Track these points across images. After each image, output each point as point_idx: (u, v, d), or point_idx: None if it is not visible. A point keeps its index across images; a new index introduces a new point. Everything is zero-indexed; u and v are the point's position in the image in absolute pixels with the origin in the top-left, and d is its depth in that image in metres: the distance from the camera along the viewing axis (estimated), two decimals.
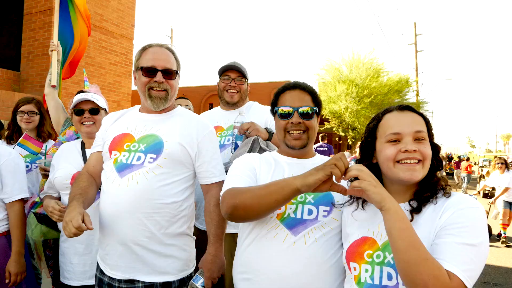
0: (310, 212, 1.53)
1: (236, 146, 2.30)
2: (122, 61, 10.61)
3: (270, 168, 1.65)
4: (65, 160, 2.25)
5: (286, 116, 1.65)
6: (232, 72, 2.58)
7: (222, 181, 1.87)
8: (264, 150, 2.17)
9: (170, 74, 1.86)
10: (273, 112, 1.74)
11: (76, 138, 2.98)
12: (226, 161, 2.20)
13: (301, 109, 1.64)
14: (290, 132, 1.65)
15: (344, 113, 21.21)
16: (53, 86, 3.11)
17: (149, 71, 1.83)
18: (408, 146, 1.29)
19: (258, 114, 2.55)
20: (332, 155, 1.82)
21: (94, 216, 2.12)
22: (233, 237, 2.11)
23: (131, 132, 1.86)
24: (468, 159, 20.19)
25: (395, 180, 1.33)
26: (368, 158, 1.42)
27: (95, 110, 2.31)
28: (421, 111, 1.43)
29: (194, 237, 2.00)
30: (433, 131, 1.38)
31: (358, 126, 21.15)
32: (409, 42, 27.95)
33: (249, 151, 2.10)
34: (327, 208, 1.55)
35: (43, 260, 2.64)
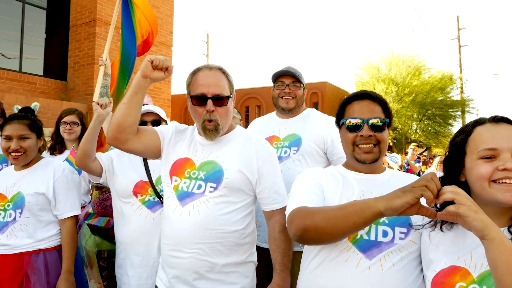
0: (385, 233, 1.40)
1: None
2: None
3: (338, 184, 1.53)
4: (130, 167, 2.23)
5: (354, 128, 1.52)
6: (286, 77, 2.46)
7: (285, 207, 1.80)
8: None
9: (221, 100, 1.75)
10: (339, 124, 1.61)
11: None
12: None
13: (371, 121, 1.50)
14: (360, 145, 1.52)
15: None
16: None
17: (199, 99, 1.75)
18: (507, 164, 1.13)
19: (318, 123, 2.41)
20: None
21: (153, 228, 2.12)
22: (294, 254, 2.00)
23: (191, 158, 1.81)
24: None
25: (490, 202, 1.17)
26: (454, 176, 1.27)
27: (157, 122, 2.31)
28: (467, 109, 1.25)
29: (257, 262, 1.91)
30: None
31: (399, 126, 20.46)
32: (452, 37, 26.66)
33: None
34: (404, 230, 1.40)
35: (95, 269, 2.66)
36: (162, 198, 2.12)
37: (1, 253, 2.09)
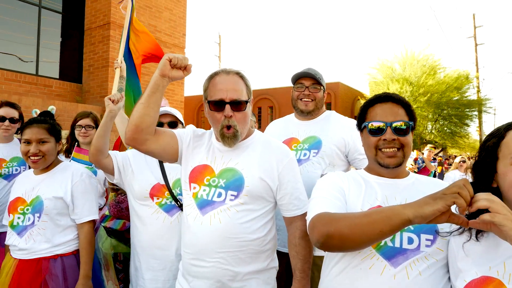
0: (410, 240, 1.34)
1: None
2: None
3: (360, 189, 1.48)
4: (147, 169, 2.20)
5: (377, 132, 1.47)
6: (306, 79, 2.41)
7: (306, 213, 1.77)
8: None
9: (239, 105, 1.71)
10: (360, 127, 1.56)
11: None
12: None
13: (394, 124, 1.45)
14: (383, 149, 1.47)
15: None
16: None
17: (217, 104, 1.71)
18: None
19: (338, 126, 2.36)
20: None
21: (171, 232, 2.09)
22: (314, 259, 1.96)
23: (210, 164, 1.78)
24: None
25: None
26: (486, 181, 1.21)
27: (174, 123, 2.29)
28: (484, 109, 1.19)
29: (278, 267, 1.88)
30: None
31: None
32: (468, 35, 26.17)
33: None
34: (430, 237, 1.35)
35: (112, 271, 2.66)
36: (179, 202, 2.11)
37: (20, 257, 2.09)
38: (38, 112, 2.90)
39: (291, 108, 2.54)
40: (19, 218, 2.12)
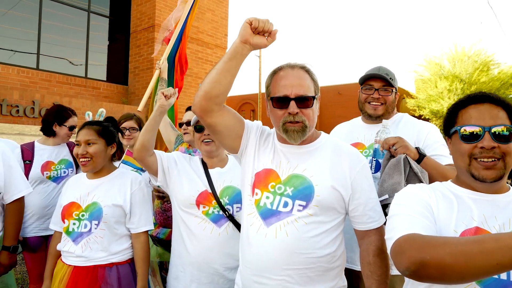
0: None
1: (377, 165, 1.90)
2: None
3: (451, 206, 1.25)
4: (194, 174, 2.08)
5: (472, 138, 1.23)
6: (375, 80, 2.14)
7: (382, 226, 1.56)
8: (416, 175, 1.75)
9: (306, 101, 1.55)
10: (449, 133, 1.33)
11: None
12: None
13: (494, 129, 1.21)
14: (479, 159, 1.23)
15: None
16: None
17: (281, 101, 1.55)
18: None
19: (410, 130, 2.09)
20: None
21: (220, 244, 1.95)
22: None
23: (275, 169, 1.61)
24: None
25: None
26: None
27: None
28: None
29: (346, 286, 1.68)
30: None
31: None
32: None
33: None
34: None
35: (158, 277, 2.60)
36: (227, 212, 1.97)
37: (75, 264, 2.04)
38: (91, 114, 2.90)
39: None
40: (74, 224, 2.07)
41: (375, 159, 1.91)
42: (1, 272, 2.34)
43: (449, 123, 1.33)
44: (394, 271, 1.77)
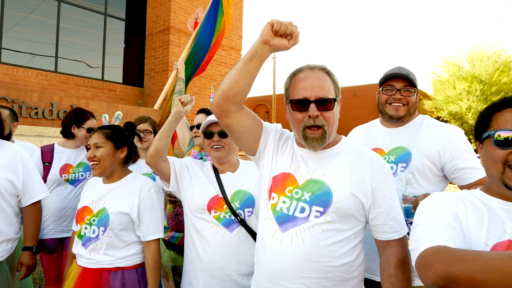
0: None
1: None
2: None
3: (481, 216, 1.18)
4: (205, 179, 2.06)
5: (507, 144, 1.16)
6: (397, 81, 2.04)
7: (404, 237, 1.49)
8: None
9: (326, 103, 1.49)
10: (481, 137, 1.26)
11: (200, 158, 2.86)
12: None
13: None
14: None
15: (466, 114, 18.82)
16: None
17: (301, 104, 1.50)
18: None
19: (432, 134, 1.98)
20: None
21: (231, 250, 1.92)
22: None
23: (293, 174, 1.56)
24: None
25: None
26: None
27: (224, 133, 2.07)
28: None
29: None
30: None
31: None
32: None
33: None
34: None
35: (171, 282, 2.57)
36: (239, 217, 1.93)
37: (83, 265, 2.06)
38: (107, 117, 2.90)
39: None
40: (85, 228, 2.08)
41: (409, 220, 1.76)
42: (27, 273, 2.37)
43: (481, 127, 1.25)
44: (416, 282, 1.69)
